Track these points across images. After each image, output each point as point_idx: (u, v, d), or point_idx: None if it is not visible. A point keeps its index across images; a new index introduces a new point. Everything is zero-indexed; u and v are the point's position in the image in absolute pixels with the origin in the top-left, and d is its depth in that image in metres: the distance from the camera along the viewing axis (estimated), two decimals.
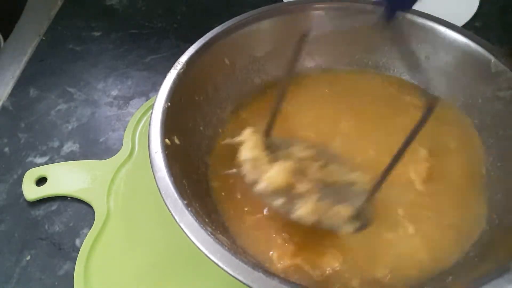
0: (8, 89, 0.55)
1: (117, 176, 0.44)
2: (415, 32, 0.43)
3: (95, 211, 0.42)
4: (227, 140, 0.37)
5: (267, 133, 0.35)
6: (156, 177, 0.31)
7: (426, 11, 0.43)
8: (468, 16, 0.59)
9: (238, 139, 0.34)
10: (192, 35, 0.41)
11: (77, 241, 0.41)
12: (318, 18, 0.45)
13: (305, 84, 0.46)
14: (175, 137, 0.35)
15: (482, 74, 0.40)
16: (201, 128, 0.40)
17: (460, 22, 0.58)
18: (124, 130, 0.48)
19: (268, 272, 0.27)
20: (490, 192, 0.38)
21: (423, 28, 0.43)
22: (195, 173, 0.37)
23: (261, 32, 0.44)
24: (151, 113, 0.35)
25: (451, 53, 0.42)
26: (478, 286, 0.27)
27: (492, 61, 0.39)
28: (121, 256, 0.39)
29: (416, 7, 0.43)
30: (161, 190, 0.30)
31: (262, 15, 0.43)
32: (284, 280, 0.27)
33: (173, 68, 0.38)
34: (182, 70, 0.38)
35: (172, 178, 0.31)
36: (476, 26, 0.59)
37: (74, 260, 0.39)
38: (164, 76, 0.37)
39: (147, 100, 0.52)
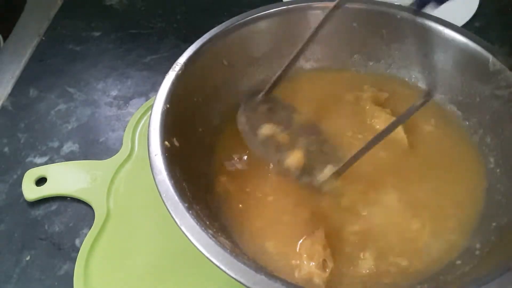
0: (8, 89, 0.55)
1: (117, 176, 0.44)
2: (413, 31, 0.43)
3: (95, 211, 0.42)
4: None
5: (269, 91, 0.40)
6: (156, 180, 0.31)
7: (426, 11, 0.43)
8: (468, 16, 0.59)
9: None
10: (192, 35, 0.41)
11: (77, 241, 0.41)
12: (317, 18, 0.45)
13: (300, 84, 0.46)
14: (175, 139, 0.35)
15: (480, 72, 0.40)
16: (201, 129, 0.40)
17: (460, 22, 0.58)
18: (124, 130, 0.48)
19: (271, 275, 0.27)
20: (490, 190, 0.38)
21: (421, 27, 0.43)
22: (195, 175, 0.37)
23: (260, 33, 0.44)
24: (150, 115, 0.35)
25: (449, 52, 0.42)
26: (480, 286, 0.27)
27: (490, 59, 0.39)
28: (121, 256, 0.39)
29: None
30: (161, 193, 0.30)
31: (260, 16, 0.43)
32: (286, 282, 0.27)
33: (171, 69, 0.38)
34: (180, 72, 0.38)
35: (172, 181, 0.31)
36: (476, 26, 0.59)
37: (74, 260, 0.39)
38: (164, 76, 0.38)
39: (146, 100, 0.53)
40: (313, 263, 0.33)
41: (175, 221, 0.29)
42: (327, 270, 0.33)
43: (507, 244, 0.32)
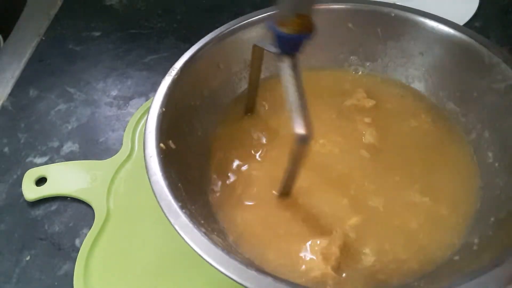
0: (8, 89, 0.55)
1: (117, 176, 0.44)
2: (407, 29, 0.43)
3: (95, 211, 0.42)
4: None
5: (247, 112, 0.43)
6: (151, 181, 0.32)
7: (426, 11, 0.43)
8: (468, 16, 0.59)
9: None
10: (192, 35, 0.41)
11: (77, 241, 0.41)
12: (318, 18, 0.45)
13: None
14: (171, 141, 0.35)
15: (476, 67, 0.40)
16: (198, 132, 0.40)
17: (460, 22, 0.58)
18: (124, 130, 0.49)
19: (261, 271, 0.27)
20: (488, 184, 0.38)
21: (415, 24, 0.43)
22: (192, 176, 0.37)
23: (255, 37, 0.43)
24: (146, 118, 0.35)
25: (444, 48, 0.42)
26: (473, 279, 0.27)
27: (486, 53, 0.39)
28: (121, 256, 0.39)
29: (415, 6, 0.43)
30: (155, 193, 0.31)
31: (256, 20, 0.43)
32: (277, 278, 0.27)
33: (167, 74, 0.38)
34: (176, 76, 0.38)
35: (166, 182, 0.31)
36: (476, 26, 0.59)
37: (74, 260, 0.39)
38: (164, 76, 0.38)
39: (146, 100, 0.53)
40: (328, 265, 0.33)
41: (169, 220, 0.30)
42: (343, 275, 0.33)
43: (503, 237, 0.32)
